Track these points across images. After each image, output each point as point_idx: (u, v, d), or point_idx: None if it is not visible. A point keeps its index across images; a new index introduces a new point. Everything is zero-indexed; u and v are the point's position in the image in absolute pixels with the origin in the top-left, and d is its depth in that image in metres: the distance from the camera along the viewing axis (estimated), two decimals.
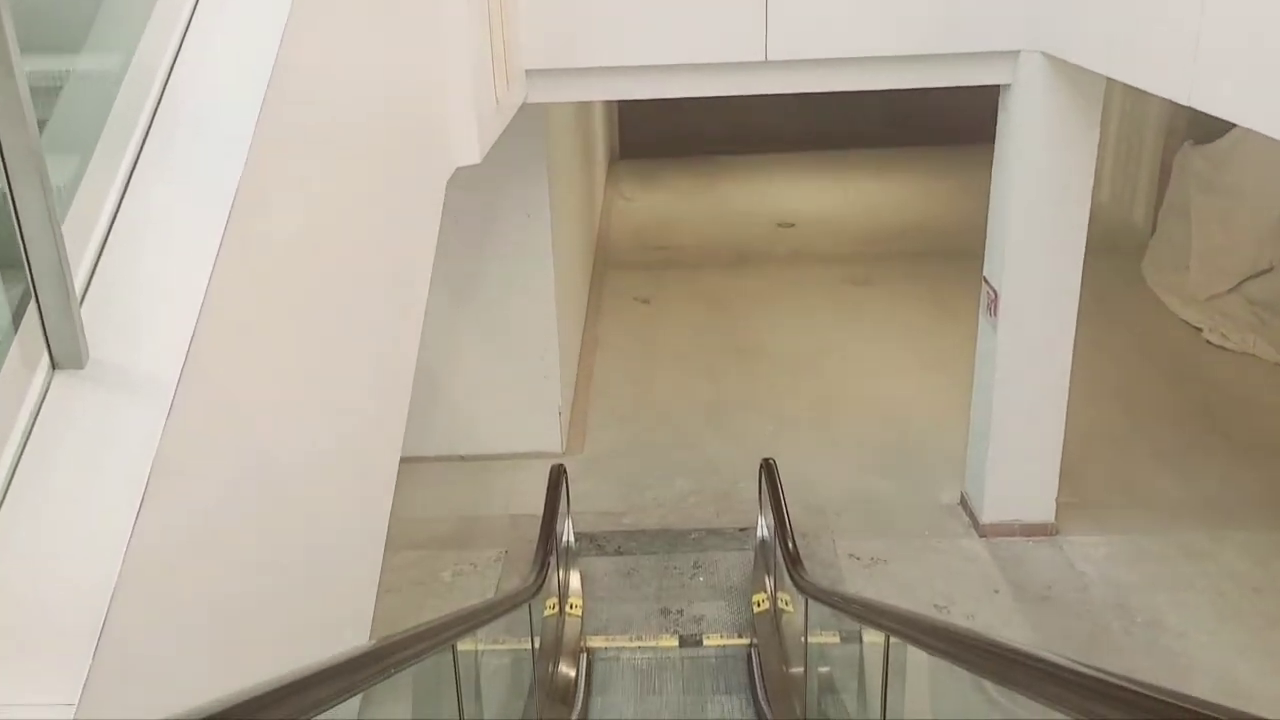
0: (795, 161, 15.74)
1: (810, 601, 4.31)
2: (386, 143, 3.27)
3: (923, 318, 10.10)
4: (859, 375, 8.98)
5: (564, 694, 4.91)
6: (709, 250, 12.33)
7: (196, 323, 1.78)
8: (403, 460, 7.66)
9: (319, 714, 1.73)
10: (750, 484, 7.03)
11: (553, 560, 5.19)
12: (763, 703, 5.04)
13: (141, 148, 1.99)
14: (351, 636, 2.82)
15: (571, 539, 6.09)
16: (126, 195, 1.93)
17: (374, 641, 2.58)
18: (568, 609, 5.61)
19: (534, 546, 5.16)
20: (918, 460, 7.58)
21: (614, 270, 11.66)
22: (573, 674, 5.10)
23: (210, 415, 1.89)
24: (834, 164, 15.56)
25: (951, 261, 11.54)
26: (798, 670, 4.76)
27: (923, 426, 8.07)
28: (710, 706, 5.24)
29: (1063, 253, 5.83)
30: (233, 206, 1.93)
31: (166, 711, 1.34)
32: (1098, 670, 1.73)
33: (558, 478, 5.68)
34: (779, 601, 5.43)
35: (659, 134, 16.30)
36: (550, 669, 5.01)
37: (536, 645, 5.11)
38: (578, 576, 5.96)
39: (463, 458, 7.73)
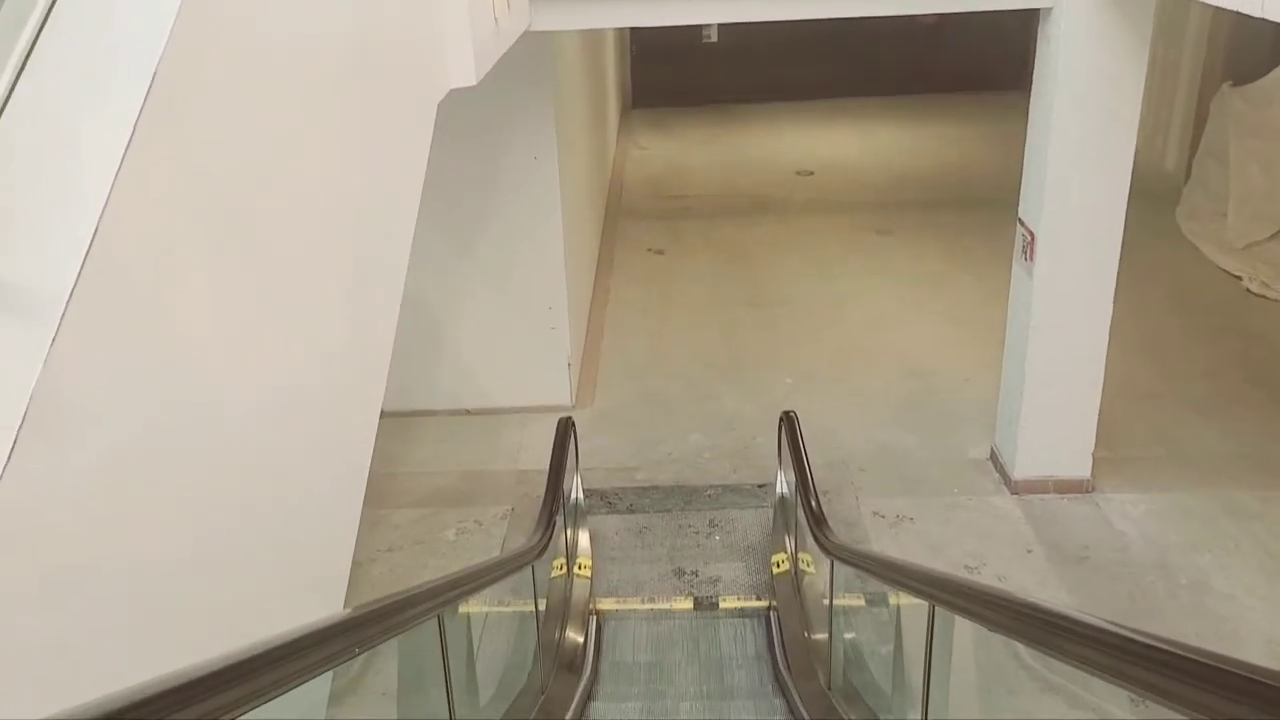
0: (813, 109, 15.26)
1: (836, 564, 3.99)
2: (362, 59, 2.91)
3: (946, 267, 9.71)
4: (881, 326, 8.61)
5: (571, 660, 4.62)
6: (725, 199, 11.93)
7: (96, 232, 1.43)
8: (405, 414, 7.38)
9: (283, 693, 1.50)
10: (769, 438, 6.71)
11: (559, 519, 4.89)
12: (783, 669, 4.73)
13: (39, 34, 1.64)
14: (321, 605, 2.51)
15: (580, 496, 5.79)
16: (18, 83, 1.58)
17: (348, 610, 2.28)
18: (576, 570, 5.32)
19: (541, 504, 4.85)
20: (944, 414, 7.24)
21: (627, 220, 11.27)
22: (580, 639, 4.81)
23: (120, 343, 1.55)
24: (853, 112, 15.08)
25: (975, 210, 11.14)
26: (821, 637, 4.45)
27: (948, 378, 7.72)
28: (727, 674, 4.94)
29: (1106, 189, 5.43)
30: (147, 105, 1.57)
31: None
32: (1144, 635, 1.56)
33: (565, 431, 5.36)
34: (800, 562, 5.13)
35: (673, 83, 15.85)
36: (557, 633, 4.73)
37: (542, 608, 4.82)
38: (587, 535, 5.66)
39: (469, 412, 7.42)
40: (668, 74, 15.77)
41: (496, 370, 7.38)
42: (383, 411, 7.16)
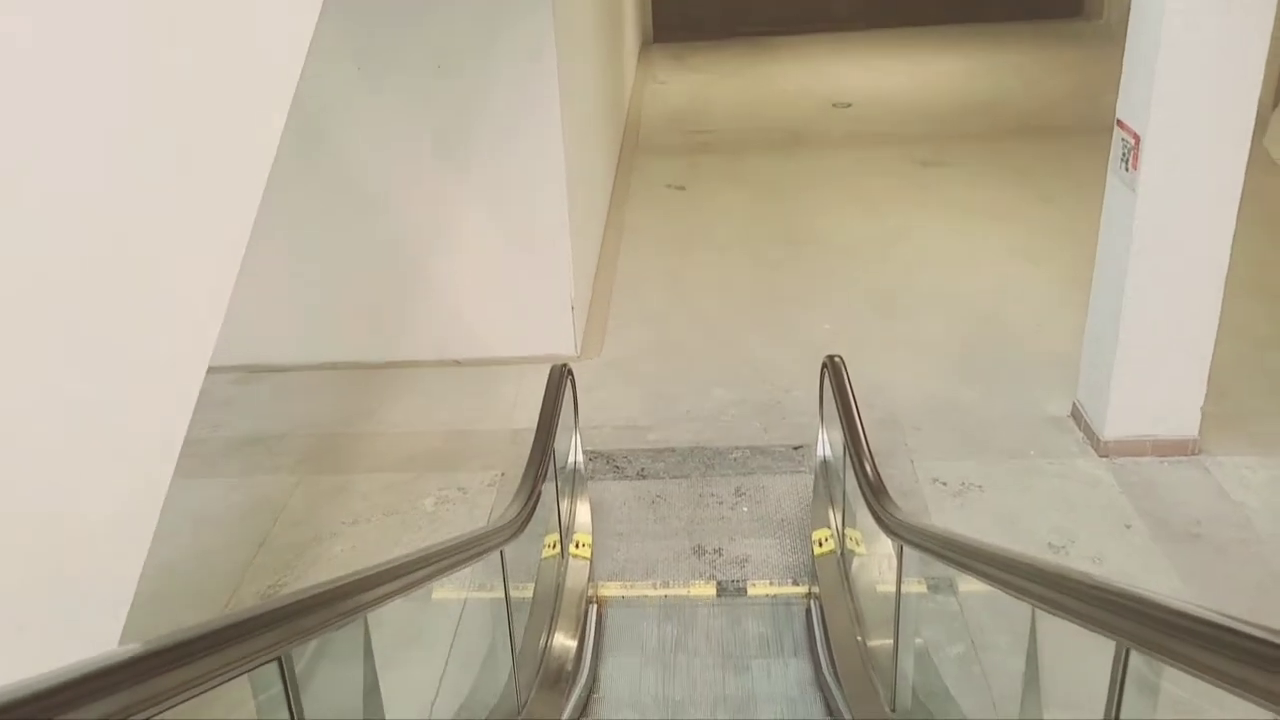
0: (848, 40, 14.08)
1: (905, 549, 2.97)
2: None
3: (1006, 200, 8.60)
4: (934, 265, 7.52)
5: (560, 666, 3.64)
6: (753, 133, 10.82)
7: None
8: (383, 366, 6.37)
9: None
10: (805, 392, 5.68)
11: (550, 488, 3.90)
12: (828, 678, 3.74)
13: None
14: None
15: (580, 459, 4.79)
16: None
17: (247, 609, 1.61)
18: (572, 549, 4.33)
19: (525, 469, 3.85)
20: (1012, 363, 6.17)
21: (645, 156, 10.20)
22: (574, 638, 3.83)
23: None
24: (892, 42, 13.89)
25: (1036, 140, 10.02)
26: (881, 644, 3.44)
27: (1016, 323, 6.64)
28: (757, 678, 3.95)
29: (1233, 78, 4.33)
30: None
31: None
32: None
33: (560, 380, 4.36)
34: (848, 540, 4.12)
35: (696, 14, 14.71)
36: (544, 632, 3.75)
37: (527, 596, 3.85)
38: (587, 507, 4.66)
39: (457, 363, 6.43)
40: (690, 6, 14.65)
41: (489, 314, 6.38)
42: (356, 363, 6.20)
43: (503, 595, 4.43)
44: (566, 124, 5.99)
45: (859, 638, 3.62)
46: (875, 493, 3.34)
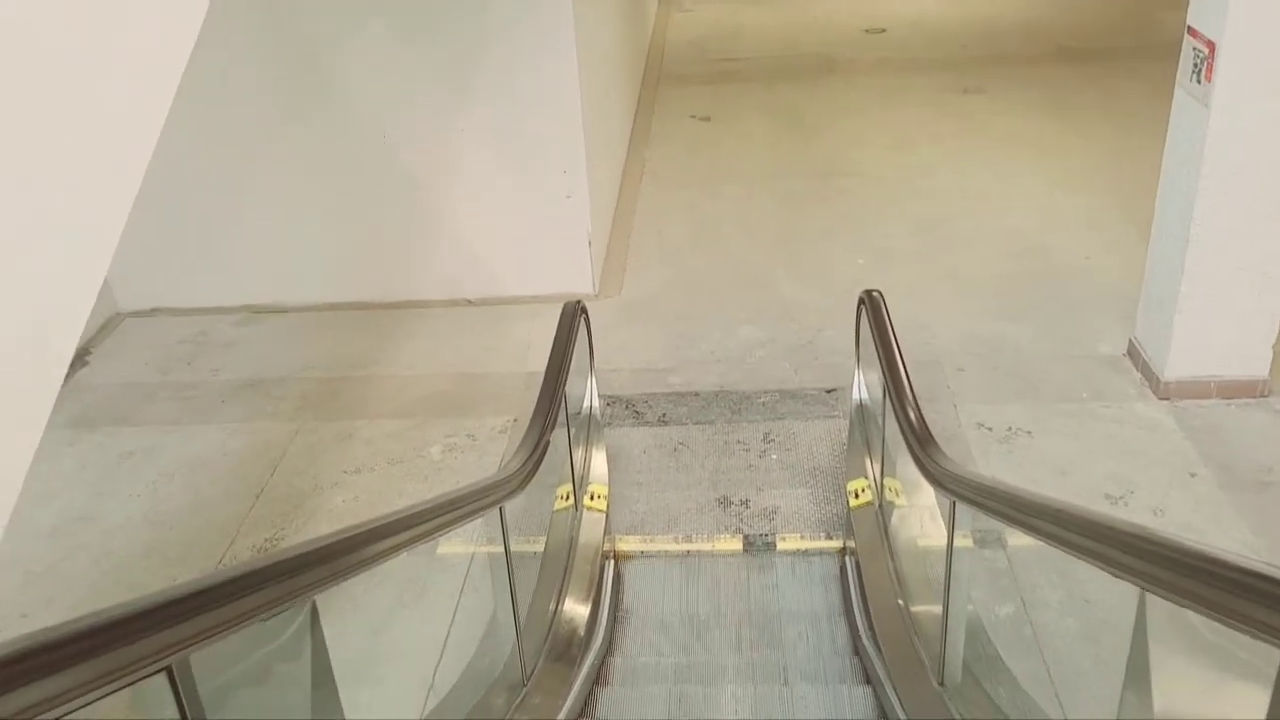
0: None
1: (957, 504, 2.61)
2: None
3: (1047, 130, 8.10)
4: (975, 197, 7.08)
5: (573, 630, 3.33)
6: (781, 61, 10.31)
7: None
8: (390, 306, 6.00)
9: None
10: (838, 331, 5.32)
11: (561, 436, 3.57)
12: (866, 642, 3.42)
13: None
14: None
15: (596, 405, 4.44)
16: None
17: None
18: (587, 501, 4.01)
19: (532, 416, 3.52)
20: (1061, 299, 5.76)
21: (668, 87, 9.73)
22: (588, 600, 3.51)
23: None
24: None
25: (1077, 64, 9.48)
26: (925, 608, 3.10)
27: (1064, 257, 6.21)
28: (786, 647, 3.63)
29: None
30: None
31: None
32: None
33: (573, 318, 4.00)
34: (887, 491, 3.77)
35: None
36: (555, 593, 3.43)
37: (536, 552, 3.54)
38: (603, 456, 4.33)
39: (469, 302, 6.09)
40: None
41: (501, 250, 6.01)
42: (362, 303, 5.86)
43: (519, 548, 4.14)
44: (581, 50, 5.57)
45: (900, 601, 3.28)
46: (921, 441, 2.98)
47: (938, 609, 2.93)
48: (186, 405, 5.23)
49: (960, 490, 2.50)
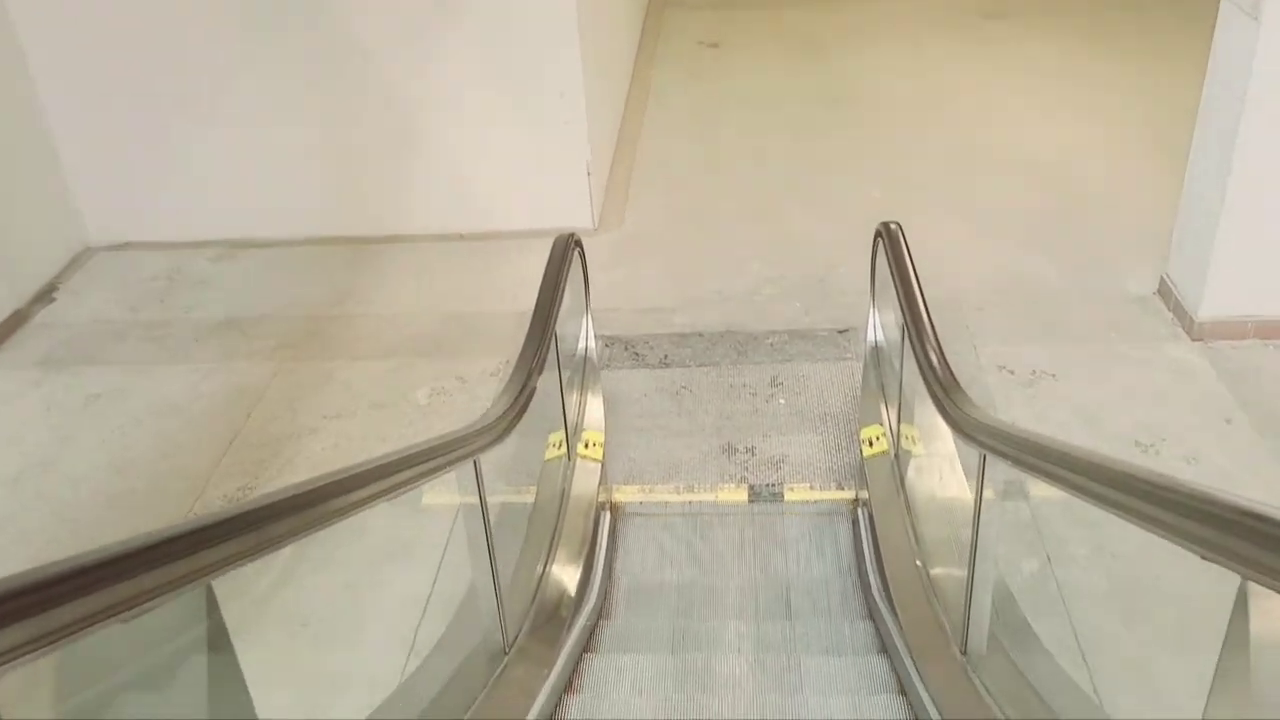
0: None
1: (987, 457, 2.31)
2: None
3: (1075, 56, 7.69)
4: (996, 126, 6.71)
5: (561, 592, 3.06)
6: None
7: None
8: (375, 241, 5.66)
9: None
10: (852, 268, 5.01)
11: (548, 379, 3.29)
12: (880, 602, 3.16)
13: None
14: None
15: (592, 345, 4.14)
16: None
17: None
18: (581, 449, 3.73)
19: (518, 359, 3.23)
20: (1087, 234, 5.43)
21: (674, 10, 9.28)
22: (581, 556, 3.25)
23: None
24: None
25: None
26: (944, 570, 2.83)
27: (1091, 190, 5.87)
28: (793, 612, 3.37)
29: None
30: None
31: None
32: None
33: (565, 252, 3.69)
34: (903, 439, 3.48)
35: None
36: (544, 552, 3.17)
37: (526, 502, 3.28)
38: (599, 401, 4.04)
39: (460, 236, 5.77)
40: None
41: (494, 181, 5.68)
42: (346, 238, 5.53)
43: (504, 501, 3.87)
44: None
45: (918, 562, 3.01)
46: (945, 387, 2.68)
47: (960, 571, 2.66)
48: (158, 345, 4.94)
49: (993, 443, 2.20)
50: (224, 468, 4.13)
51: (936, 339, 2.98)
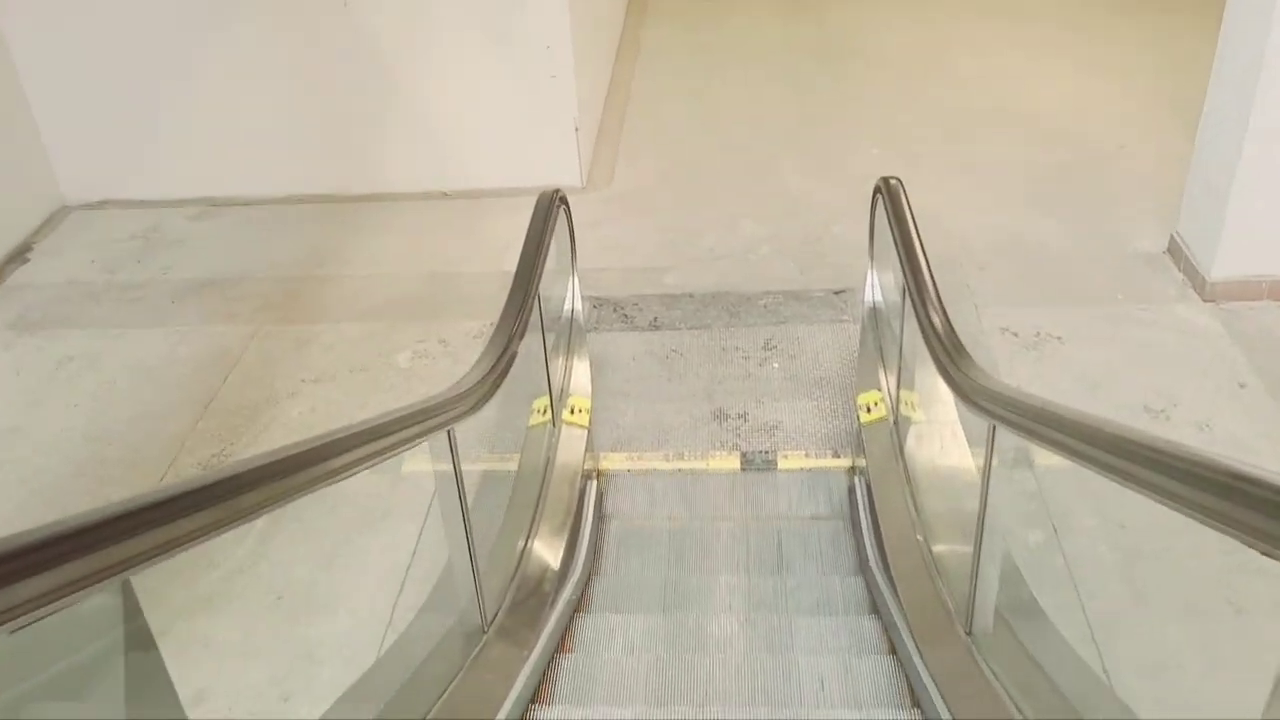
0: None
1: (996, 428, 2.16)
2: None
3: (1081, 7, 7.47)
4: (999, 80, 6.51)
5: (544, 567, 2.92)
6: None
7: None
8: (357, 199, 5.50)
9: None
10: (849, 227, 4.86)
11: (531, 343, 3.14)
12: (878, 575, 3.02)
13: None
14: None
15: (578, 308, 3.98)
16: None
17: None
18: (567, 415, 3.58)
19: (499, 321, 3.07)
20: (1094, 191, 5.26)
21: None
22: (563, 533, 3.10)
23: None
24: None
25: None
26: (947, 548, 2.69)
27: (1096, 145, 5.69)
28: (790, 589, 3.24)
29: None
30: None
31: None
32: None
33: (549, 209, 3.53)
34: (902, 405, 3.34)
35: None
36: (526, 524, 3.02)
37: (512, 471, 3.14)
38: (586, 365, 3.89)
39: (445, 194, 5.59)
40: None
41: (480, 138, 5.48)
42: (327, 196, 5.34)
43: (486, 469, 3.73)
44: None
45: (920, 537, 2.87)
46: (950, 350, 2.52)
47: (964, 546, 2.52)
48: (134, 307, 4.77)
49: (1004, 413, 2.05)
50: (199, 433, 3.98)
51: (940, 300, 2.82)
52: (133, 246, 5.26)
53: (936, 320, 2.72)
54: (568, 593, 2.95)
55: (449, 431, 2.22)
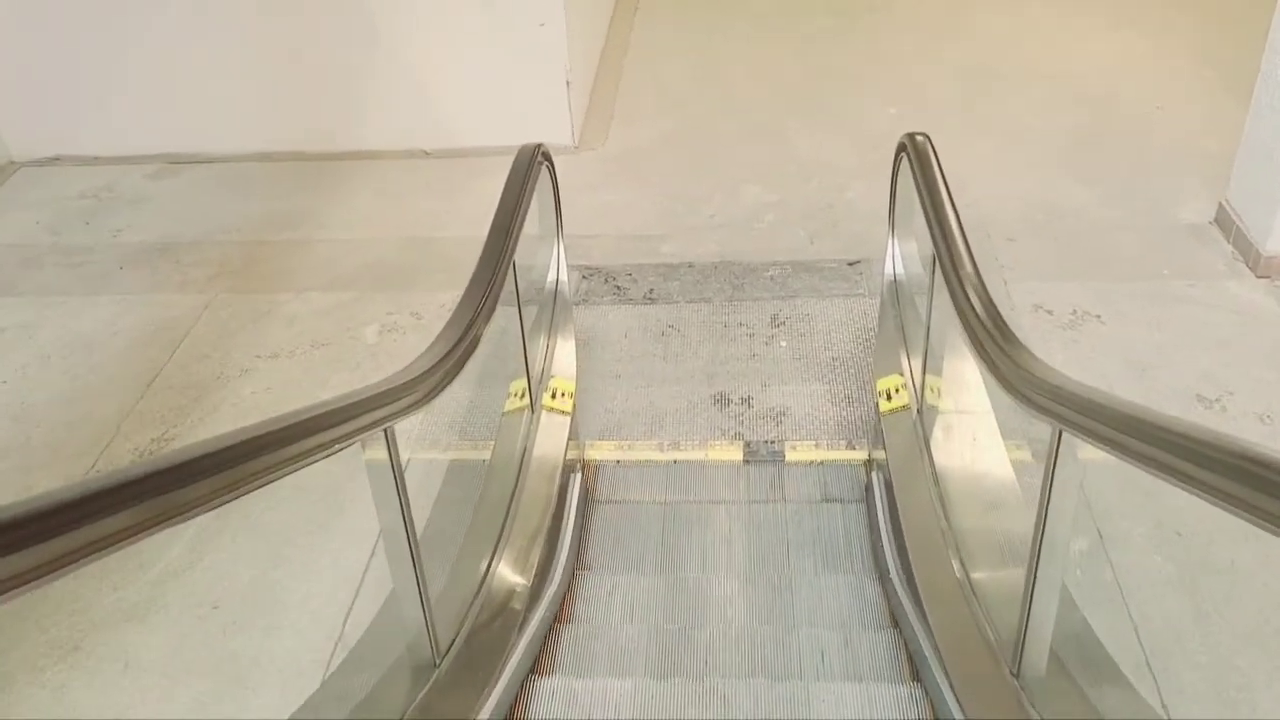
0: None
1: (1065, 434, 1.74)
2: None
3: None
4: (1026, 38, 6.05)
5: (511, 587, 2.51)
6: None
7: None
8: (333, 157, 4.82)
9: None
10: (864, 192, 4.44)
11: (504, 320, 2.74)
12: (900, 590, 2.62)
13: None
14: None
15: (564, 279, 3.55)
16: None
17: None
18: (546, 400, 3.16)
19: (465, 294, 2.66)
20: (1132, 155, 4.82)
21: None
22: (538, 538, 2.69)
23: None
24: None
25: None
26: (985, 566, 2.28)
27: (1133, 107, 5.24)
28: (797, 605, 2.84)
29: None
30: None
31: None
32: None
33: (528, 166, 3.11)
34: (929, 392, 2.92)
35: None
36: (497, 524, 2.62)
37: (474, 480, 2.75)
38: (571, 345, 3.46)
39: (425, 153, 5.15)
40: None
41: (464, 93, 5.04)
42: (298, 153, 4.89)
43: (455, 458, 3.34)
44: None
45: (950, 551, 2.46)
46: (994, 335, 2.11)
47: (1009, 568, 2.12)
48: (77, 273, 4.36)
49: (1078, 418, 1.63)
50: (138, 414, 3.57)
51: (978, 274, 2.41)
52: (83, 207, 4.84)
53: (974, 298, 2.31)
54: (542, 610, 2.55)
55: (387, 431, 1.81)
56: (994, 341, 2.07)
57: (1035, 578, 1.86)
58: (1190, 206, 4.35)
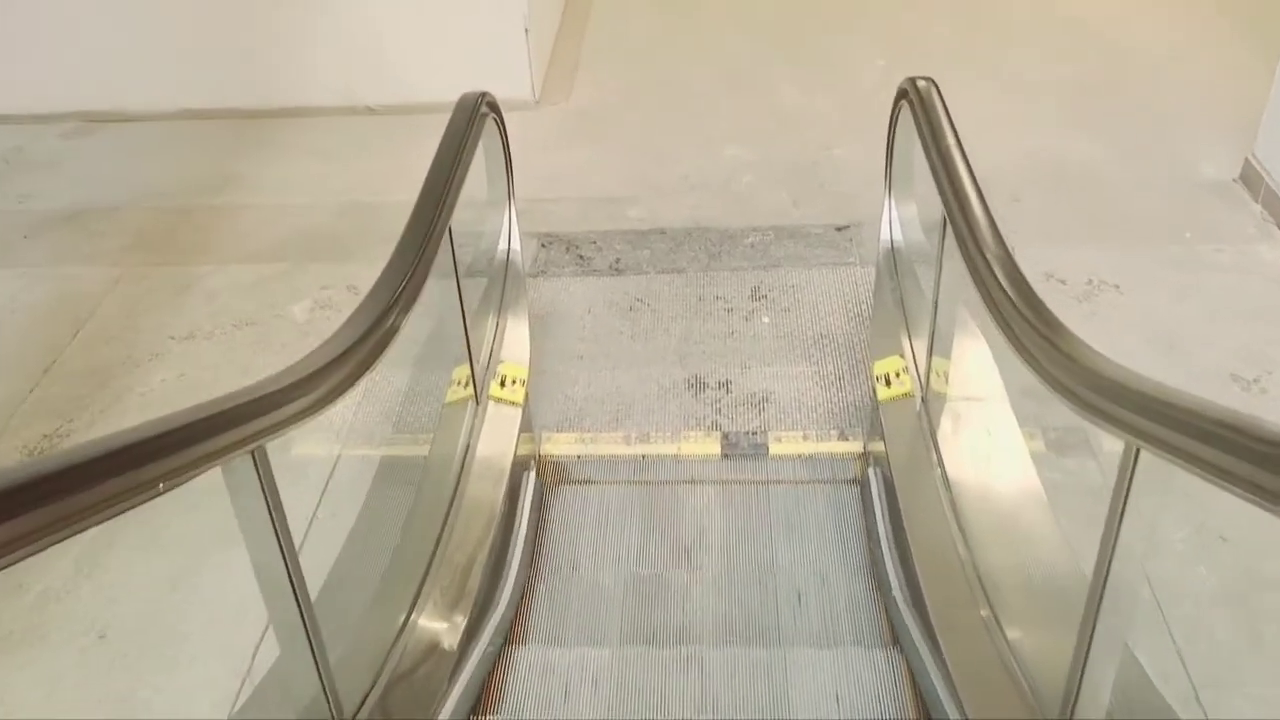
0: None
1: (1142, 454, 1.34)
2: None
3: None
4: None
5: (438, 632, 2.10)
6: None
7: None
8: (267, 114, 3.94)
9: None
10: (853, 150, 4.03)
11: (439, 296, 2.32)
12: (905, 612, 2.23)
13: None
14: None
15: (516, 248, 3.10)
16: None
17: None
18: (494, 389, 2.73)
19: (385, 270, 2.23)
20: (1147, 106, 4.42)
21: None
22: (480, 553, 2.27)
23: None
24: None
25: None
26: (1014, 598, 1.88)
27: (1148, 54, 4.83)
28: (783, 628, 2.45)
29: None
30: None
31: None
32: None
33: (470, 116, 2.67)
34: (934, 378, 2.51)
35: None
36: (426, 550, 2.20)
37: (415, 485, 2.34)
38: (524, 324, 3.02)
39: (370, 109, 4.69)
40: None
41: (412, 43, 4.57)
42: (229, 110, 4.29)
43: (407, 451, 2.93)
44: None
45: (959, 557, 2.06)
46: (1032, 318, 1.70)
47: (1040, 603, 1.73)
48: None
49: (1166, 434, 1.21)
50: (32, 405, 3.13)
51: (1001, 240, 2.00)
52: None
53: (998, 271, 1.90)
54: (482, 644, 2.14)
55: (255, 454, 1.38)
56: (1033, 327, 1.66)
57: (1095, 629, 1.46)
58: (1212, 162, 3.96)
